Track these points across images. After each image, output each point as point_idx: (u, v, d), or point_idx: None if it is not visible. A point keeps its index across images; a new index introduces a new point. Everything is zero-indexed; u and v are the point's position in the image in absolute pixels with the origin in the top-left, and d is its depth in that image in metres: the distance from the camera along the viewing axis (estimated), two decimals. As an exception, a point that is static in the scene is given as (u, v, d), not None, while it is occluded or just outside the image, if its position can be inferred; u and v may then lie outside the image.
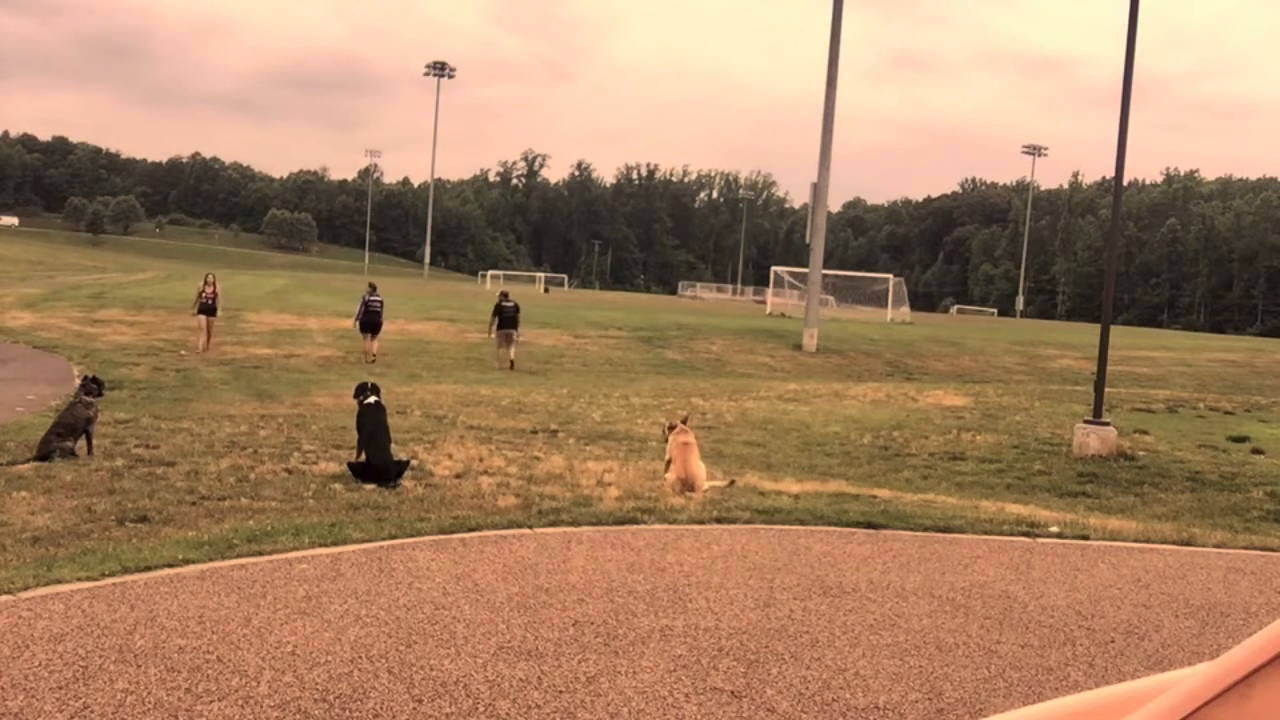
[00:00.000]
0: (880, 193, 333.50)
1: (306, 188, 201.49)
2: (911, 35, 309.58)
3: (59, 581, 5.89)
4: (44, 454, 10.24)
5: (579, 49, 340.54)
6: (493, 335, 26.33)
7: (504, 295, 27.33)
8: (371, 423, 10.10)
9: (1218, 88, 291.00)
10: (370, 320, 25.47)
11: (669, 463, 10.00)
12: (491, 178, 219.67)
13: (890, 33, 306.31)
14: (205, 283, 24.95)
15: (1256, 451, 14.78)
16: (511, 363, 25.56)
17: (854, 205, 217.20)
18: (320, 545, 7.02)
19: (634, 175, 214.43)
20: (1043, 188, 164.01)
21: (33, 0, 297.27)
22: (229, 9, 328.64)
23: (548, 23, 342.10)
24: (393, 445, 10.31)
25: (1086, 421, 14.59)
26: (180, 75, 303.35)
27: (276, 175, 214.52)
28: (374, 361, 24.72)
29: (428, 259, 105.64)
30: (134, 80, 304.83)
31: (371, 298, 25.68)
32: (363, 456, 9.98)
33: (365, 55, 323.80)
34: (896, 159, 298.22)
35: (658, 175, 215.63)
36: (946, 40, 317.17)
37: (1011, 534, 8.57)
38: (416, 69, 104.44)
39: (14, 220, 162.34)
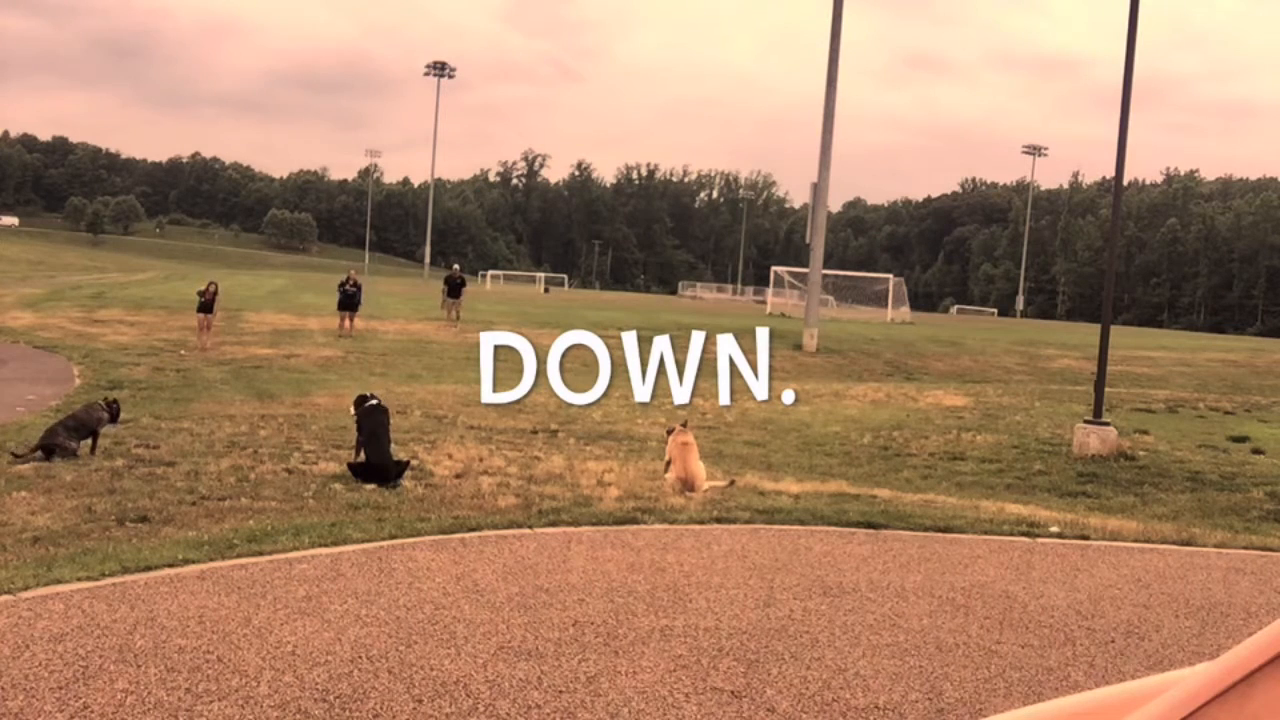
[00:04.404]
0: (880, 193, 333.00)
1: (307, 188, 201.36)
2: (925, 36, 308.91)
3: (59, 581, 5.89)
4: (47, 446, 10.22)
5: (586, 50, 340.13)
6: (443, 301, 34.94)
7: (453, 270, 37.02)
8: (373, 423, 10.10)
9: (1220, 89, 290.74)
10: (346, 301, 29.63)
11: (669, 463, 10.00)
12: (491, 178, 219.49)
13: (903, 33, 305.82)
14: (208, 285, 25.45)
15: (1256, 451, 14.77)
16: (458, 316, 33.55)
17: (854, 205, 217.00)
18: (320, 545, 7.02)
19: (634, 175, 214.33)
20: (1043, 188, 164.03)
21: (49, 1, 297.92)
22: (240, 10, 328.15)
23: (556, 23, 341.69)
24: (393, 445, 10.32)
25: (1086, 421, 14.58)
26: (188, 76, 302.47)
27: (277, 175, 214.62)
28: (348, 336, 28.59)
29: (428, 259, 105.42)
30: (140, 81, 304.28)
31: (348, 285, 29.78)
32: (363, 456, 9.98)
33: (373, 55, 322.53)
34: (897, 159, 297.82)
35: (658, 175, 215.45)
36: (959, 41, 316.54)
37: (1011, 534, 8.57)
38: (423, 69, 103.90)
39: (14, 220, 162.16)
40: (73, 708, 4.25)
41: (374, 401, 10.45)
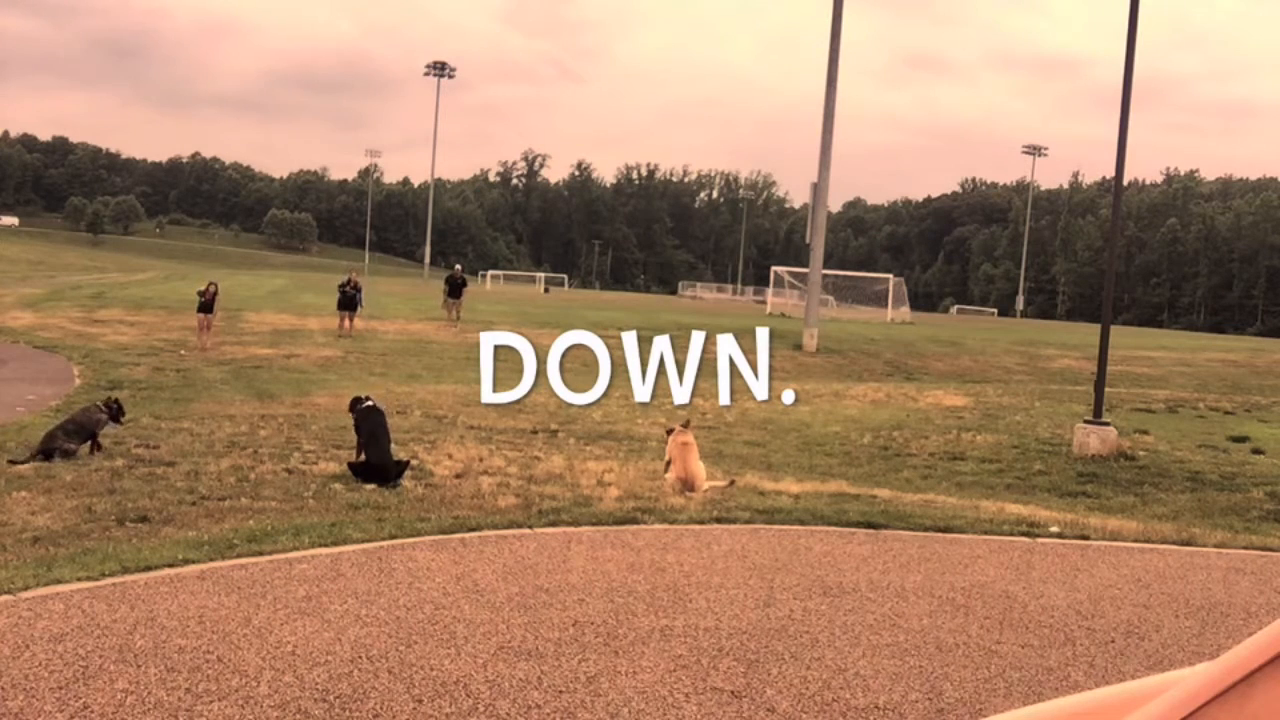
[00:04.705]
0: (880, 193, 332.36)
1: (307, 188, 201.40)
2: (925, 36, 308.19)
3: (59, 581, 5.89)
4: (46, 450, 10.23)
5: (586, 50, 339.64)
6: (444, 301, 35.64)
7: (454, 270, 37.69)
8: (371, 423, 10.11)
9: (1220, 89, 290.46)
10: (346, 302, 29.99)
11: (669, 463, 10.00)
12: (491, 178, 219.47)
13: (903, 33, 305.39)
14: (207, 285, 25.56)
15: (1256, 451, 14.77)
16: (458, 316, 34.05)
17: (854, 205, 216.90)
18: (320, 545, 7.02)
19: (634, 175, 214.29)
20: (1043, 188, 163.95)
21: (48, 1, 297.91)
22: (239, 10, 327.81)
23: (556, 23, 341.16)
24: (393, 445, 10.32)
25: (1087, 421, 14.58)
26: (187, 76, 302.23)
27: (277, 175, 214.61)
28: (348, 336, 28.81)
29: (428, 259, 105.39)
30: (139, 81, 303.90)
31: (348, 287, 30.15)
32: (363, 457, 9.99)
33: (373, 55, 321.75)
34: (897, 159, 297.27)
35: (658, 175, 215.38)
36: (959, 41, 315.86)
37: (1011, 534, 8.57)
38: (423, 69, 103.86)
39: (14, 220, 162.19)
40: (73, 708, 4.25)
41: (369, 403, 10.47)
